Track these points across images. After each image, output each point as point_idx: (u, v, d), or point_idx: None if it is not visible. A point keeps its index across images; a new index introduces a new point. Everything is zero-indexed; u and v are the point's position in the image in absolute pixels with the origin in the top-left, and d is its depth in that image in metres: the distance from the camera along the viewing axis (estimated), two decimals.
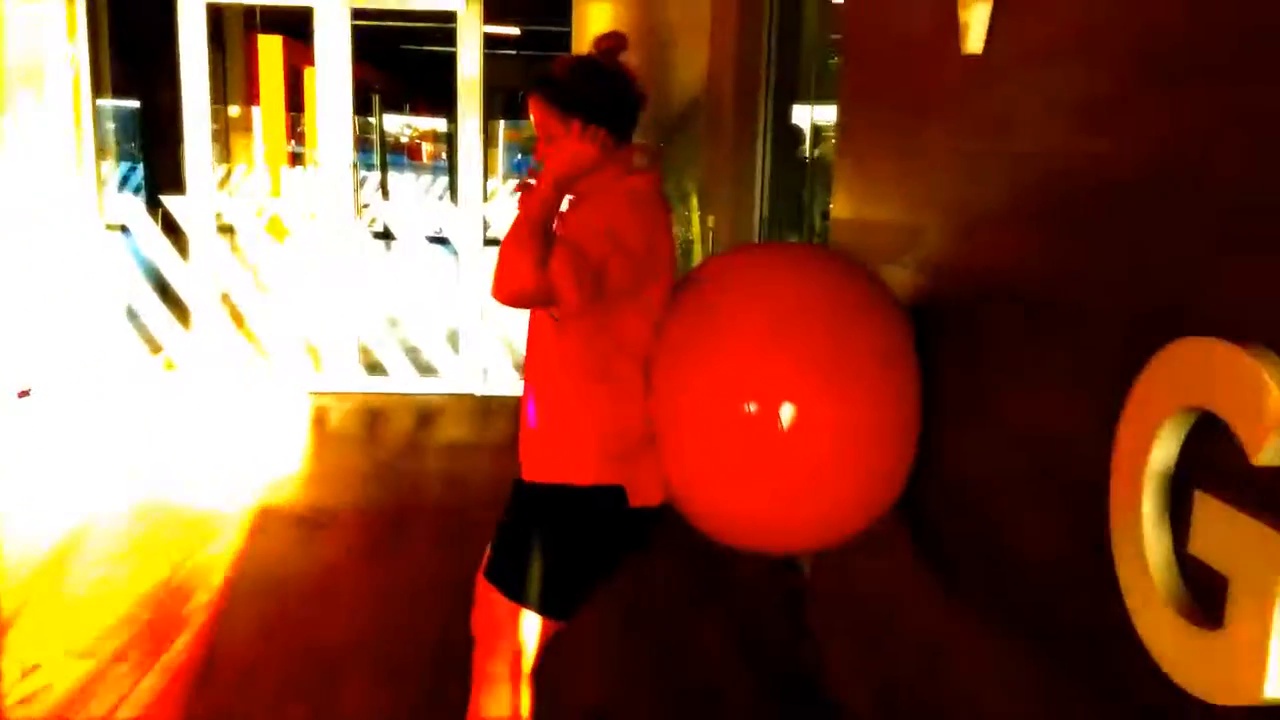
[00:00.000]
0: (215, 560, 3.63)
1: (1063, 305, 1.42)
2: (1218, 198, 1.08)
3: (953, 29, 1.75)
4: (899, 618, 2.20)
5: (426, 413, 5.90)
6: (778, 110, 4.68)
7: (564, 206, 1.90)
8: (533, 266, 1.70)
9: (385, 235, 7.23)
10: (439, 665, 2.17)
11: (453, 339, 6.34)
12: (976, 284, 1.77)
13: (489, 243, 6.20)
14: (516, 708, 1.99)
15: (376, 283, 6.42)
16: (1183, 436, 1.08)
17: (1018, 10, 1.60)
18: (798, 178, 4.55)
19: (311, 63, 6.17)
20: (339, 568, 3.66)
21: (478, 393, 6.22)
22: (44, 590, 3.34)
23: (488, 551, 2.05)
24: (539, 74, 1.93)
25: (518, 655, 1.98)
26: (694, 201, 5.80)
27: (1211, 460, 1.04)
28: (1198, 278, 1.11)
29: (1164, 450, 1.09)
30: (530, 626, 1.97)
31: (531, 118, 1.95)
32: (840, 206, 2.70)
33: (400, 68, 16.02)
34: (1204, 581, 1.03)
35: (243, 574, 3.53)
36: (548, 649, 2.01)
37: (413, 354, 6.35)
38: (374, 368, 6.29)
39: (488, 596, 2.01)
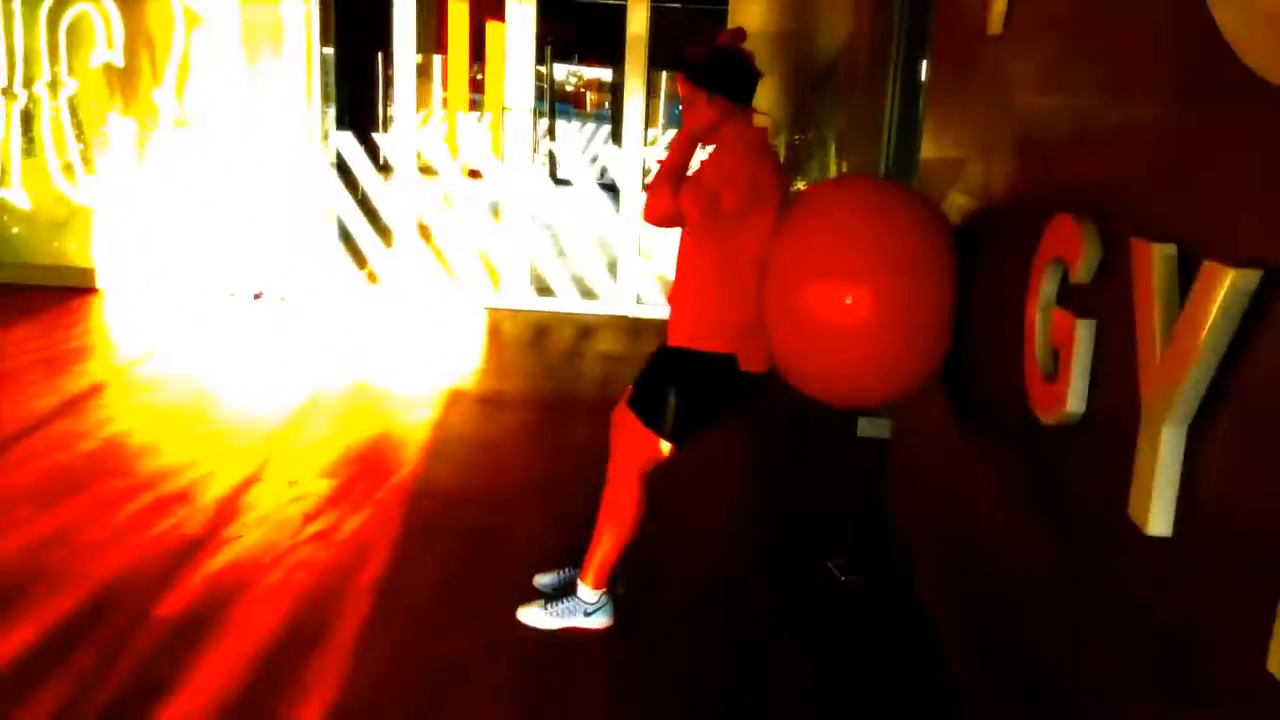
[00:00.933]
0: (417, 425, 4.62)
1: (1021, 208, 2.10)
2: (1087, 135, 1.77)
3: (985, 15, 2.43)
4: (940, 444, 2.92)
5: (586, 329, 6.81)
6: (906, 70, 5.27)
7: (704, 154, 2.70)
8: (669, 195, 2.57)
9: (563, 182, 8.11)
10: (590, 504, 2.99)
11: (612, 268, 7.22)
12: (986, 196, 2.46)
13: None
14: (637, 498, 2.82)
15: (551, 217, 7.34)
16: (1058, 276, 1.79)
17: (1024, 5, 2.27)
18: (918, 134, 5.14)
19: (492, 16, 7.07)
20: (513, 435, 4.60)
21: (630, 315, 7.10)
22: (285, 442, 4.37)
23: (628, 390, 2.88)
24: (681, 56, 2.73)
25: (642, 463, 2.80)
26: (831, 150, 6.45)
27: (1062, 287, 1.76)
28: (1072, 180, 1.79)
29: (1048, 287, 1.80)
30: (652, 446, 2.78)
31: (678, 88, 2.74)
32: (927, 149, 3.38)
33: (569, 18, 16.93)
34: (1056, 354, 1.75)
35: (438, 435, 4.50)
36: (659, 465, 2.82)
37: (578, 280, 7.27)
38: (544, 290, 7.24)
39: (626, 420, 2.82)
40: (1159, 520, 1.32)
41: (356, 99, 9.38)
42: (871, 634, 2.98)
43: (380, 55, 12.47)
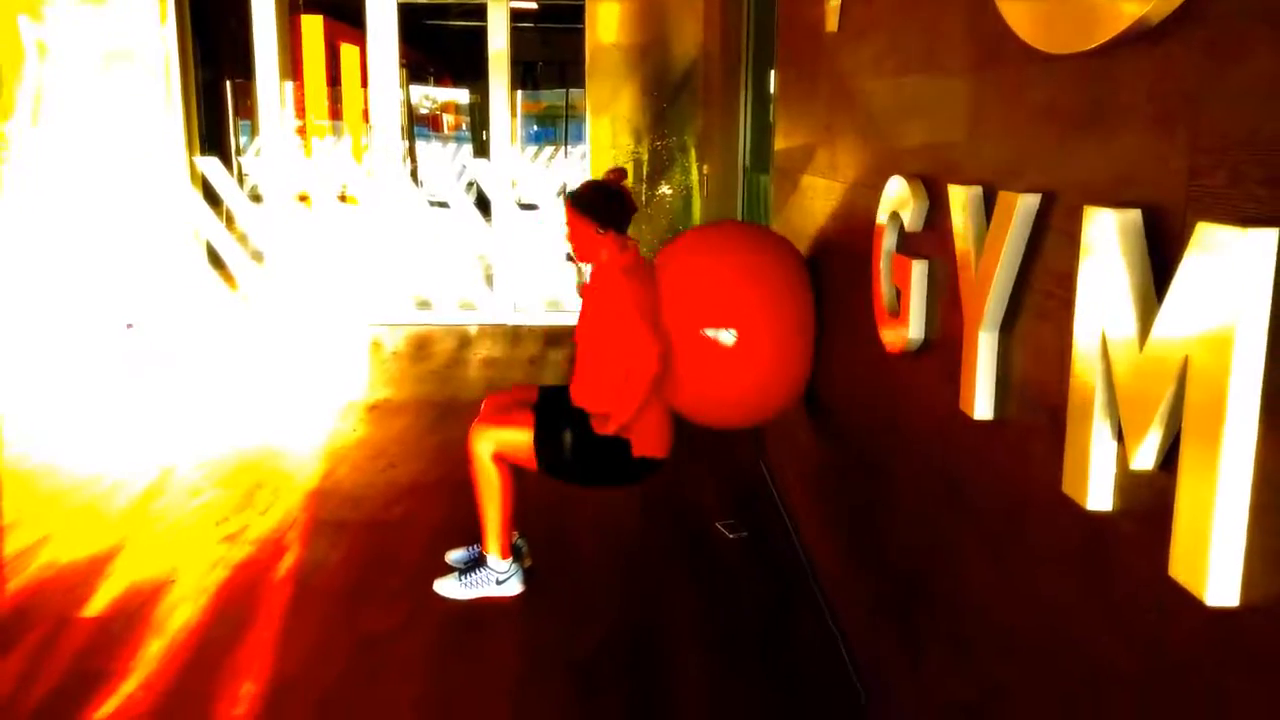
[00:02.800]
0: (311, 434, 4.72)
1: (863, 178, 2.45)
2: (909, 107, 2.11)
3: (823, 16, 2.78)
4: (800, 447, 3.26)
5: (466, 338, 6.97)
6: (756, 76, 5.68)
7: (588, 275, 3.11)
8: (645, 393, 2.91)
9: (439, 204, 8.21)
10: (468, 490, 3.25)
11: (488, 277, 7.41)
12: (834, 174, 2.81)
13: (524, 207, 7.32)
14: (500, 470, 3.03)
15: (424, 233, 7.48)
16: (896, 229, 2.12)
17: (853, 5, 2.62)
18: (770, 130, 5.55)
19: (344, 39, 7.19)
20: (406, 437, 4.75)
21: (509, 322, 7.30)
22: (183, 458, 4.42)
23: (520, 389, 3.15)
24: (572, 192, 3.10)
25: (504, 455, 3.02)
26: (692, 153, 6.82)
27: (899, 238, 2.09)
28: (902, 149, 2.13)
29: (888, 239, 2.14)
30: (526, 458, 3.02)
31: (565, 217, 3.09)
32: (780, 140, 3.74)
33: (423, 42, 16.98)
34: (898, 296, 2.08)
35: (333, 442, 4.62)
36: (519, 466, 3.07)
37: (455, 292, 7.42)
38: (423, 304, 7.37)
39: (519, 415, 3.04)
40: (983, 407, 1.64)
41: (212, 125, 9.30)
42: (758, 579, 3.28)
43: (229, 82, 12.32)
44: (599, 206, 3.04)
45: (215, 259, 7.21)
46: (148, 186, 6.83)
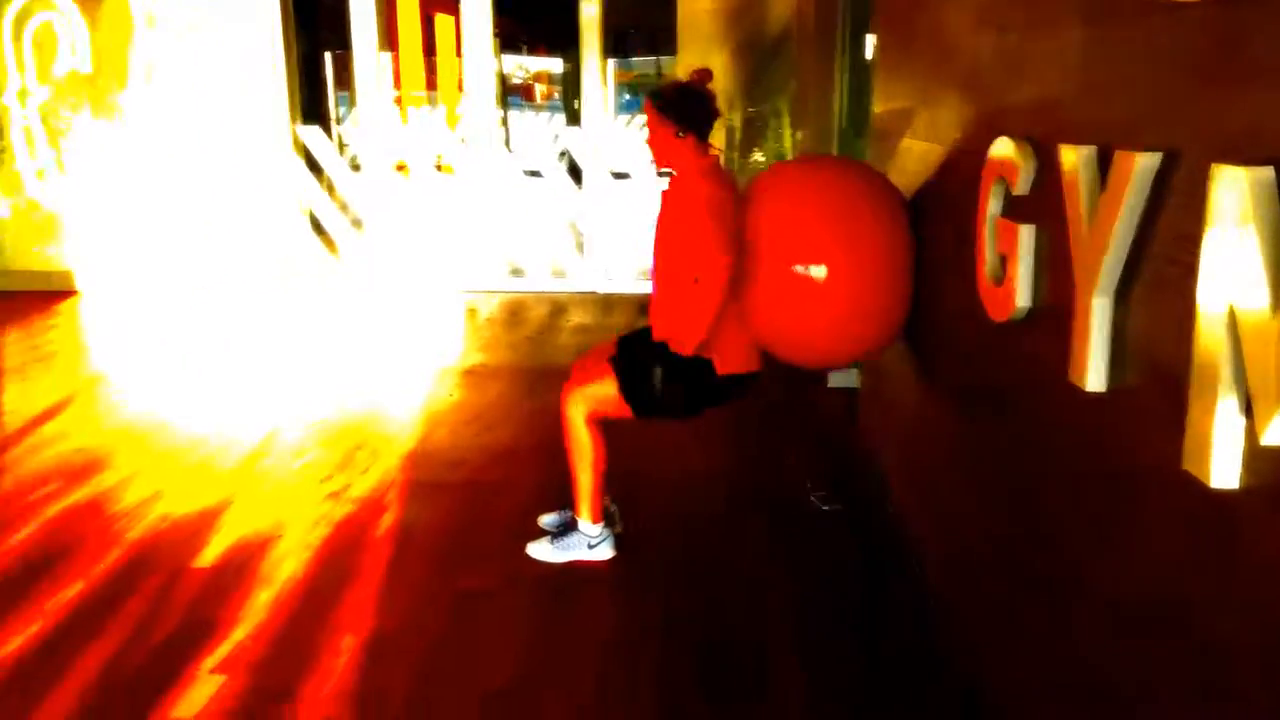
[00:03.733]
0: (409, 398, 4.83)
1: (966, 141, 2.37)
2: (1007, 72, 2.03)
3: None
4: (906, 376, 3.20)
5: (558, 306, 7.03)
6: (852, 40, 5.55)
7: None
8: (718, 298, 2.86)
9: (534, 173, 8.22)
10: (561, 455, 3.27)
11: (580, 245, 7.45)
12: (935, 137, 2.73)
13: (615, 175, 7.34)
14: (593, 434, 3.04)
15: (517, 201, 7.55)
16: (1002, 193, 2.05)
17: None
18: (867, 94, 5.43)
19: (441, 10, 7.24)
20: (500, 402, 4.81)
21: (600, 290, 7.33)
22: (287, 420, 4.57)
23: (602, 346, 3.13)
24: (654, 91, 3.03)
25: (596, 412, 3.03)
26: (785, 119, 6.72)
27: (1005, 202, 2.02)
28: (1008, 108, 2.05)
29: (993, 204, 2.07)
30: (616, 406, 3.02)
31: (646, 118, 3.02)
32: (878, 102, 3.65)
33: (515, 10, 17.03)
34: (1003, 263, 2.02)
35: (430, 406, 4.72)
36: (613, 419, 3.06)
37: (548, 260, 7.48)
38: (516, 271, 7.45)
39: (600, 370, 3.05)
40: (1095, 378, 1.58)
41: (313, 95, 9.52)
42: (852, 551, 3.25)
43: (328, 53, 12.56)
44: (680, 107, 2.96)
45: (317, 226, 7.40)
46: (253, 155, 7.04)
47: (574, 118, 13.08)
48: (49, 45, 6.80)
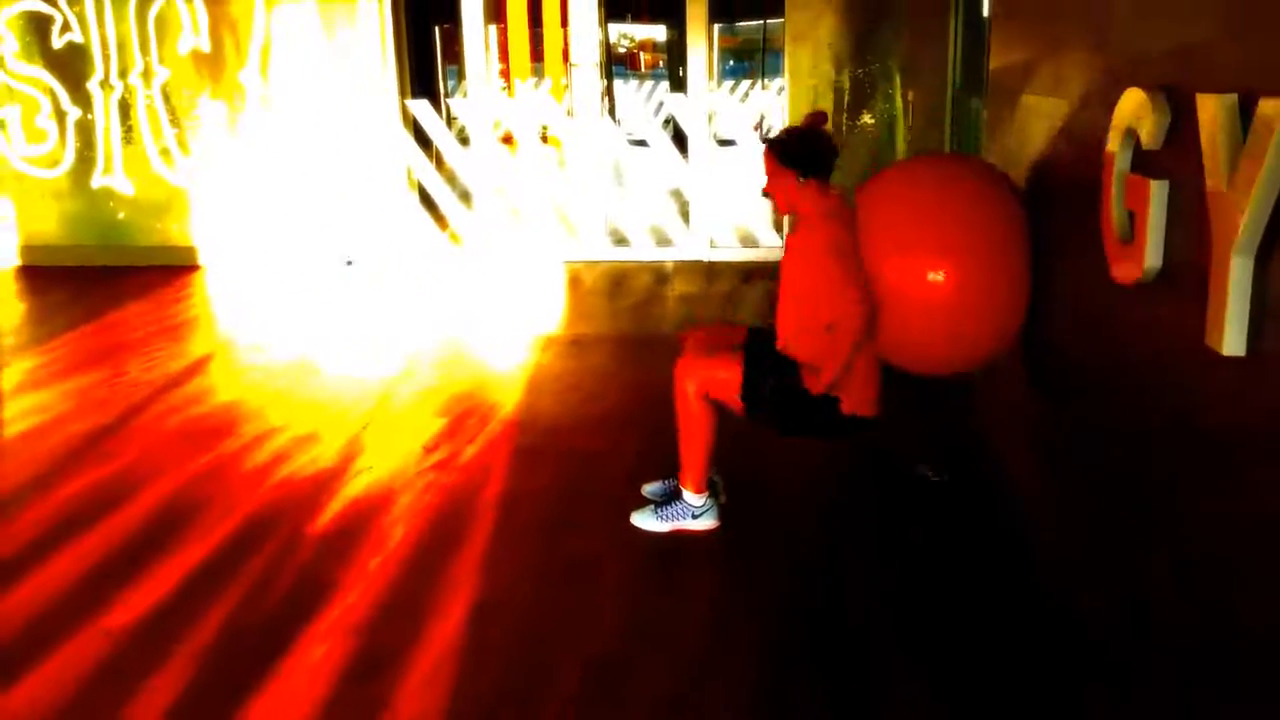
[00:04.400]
0: (513, 368, 4.89)
1: (1092, 93, 2.23)
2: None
3: None
4: (1014, 393, 3.07)
5: (663, 274, 7.00)
6: None
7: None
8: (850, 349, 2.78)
9: (639, 143, 8.17)
10: (670, 420, 3.22)
11: (685, 214, 7.39)
12: (1058, 91, 2.58)
13: (721, 143, 7.27)
14: (704, 408, 3.00)
15: (623, 170, 7.54)
16: (1131, 147, 1.93)
17: None
18: (982, 52, 5.21)
19: None
20: (603, 372, 4.82)
21: (704, 259, 7.27)
22: (396, 390, 4.68)
23: (733, 329, 3.09)
24: (772, 139, 2.99)
25: (710, 393, 2.99)
26: (897, 79, 6.51)
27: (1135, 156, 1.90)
28: (1137, 55, 1.92)
29: (1121, 159, 1.95)
30: (732, 397, 2.97)
31: (765, 165, 2.98)
32: (996, 57, 3.49)
33: None
34: (1131, 221, 1.90)
35: (534, 375, 4.76)
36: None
37: (654, 229, 7.46)
38: (620, 241, 7.45)
39: (726, 359, 3.01)
40: (1234, 341, 1.47)
41: (422, 70, 9.67)
42: (963, 525, 3.15)
43: (436, 28, 12.74)
44: (800, 155, 2.93)
45: (426, 198, 7.53)
46: (364, 129, 7.19)
47: (678, 85, 13.01)
48: (172, 26, 7.06)
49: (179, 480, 3.54)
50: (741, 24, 18.89)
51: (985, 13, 4.82)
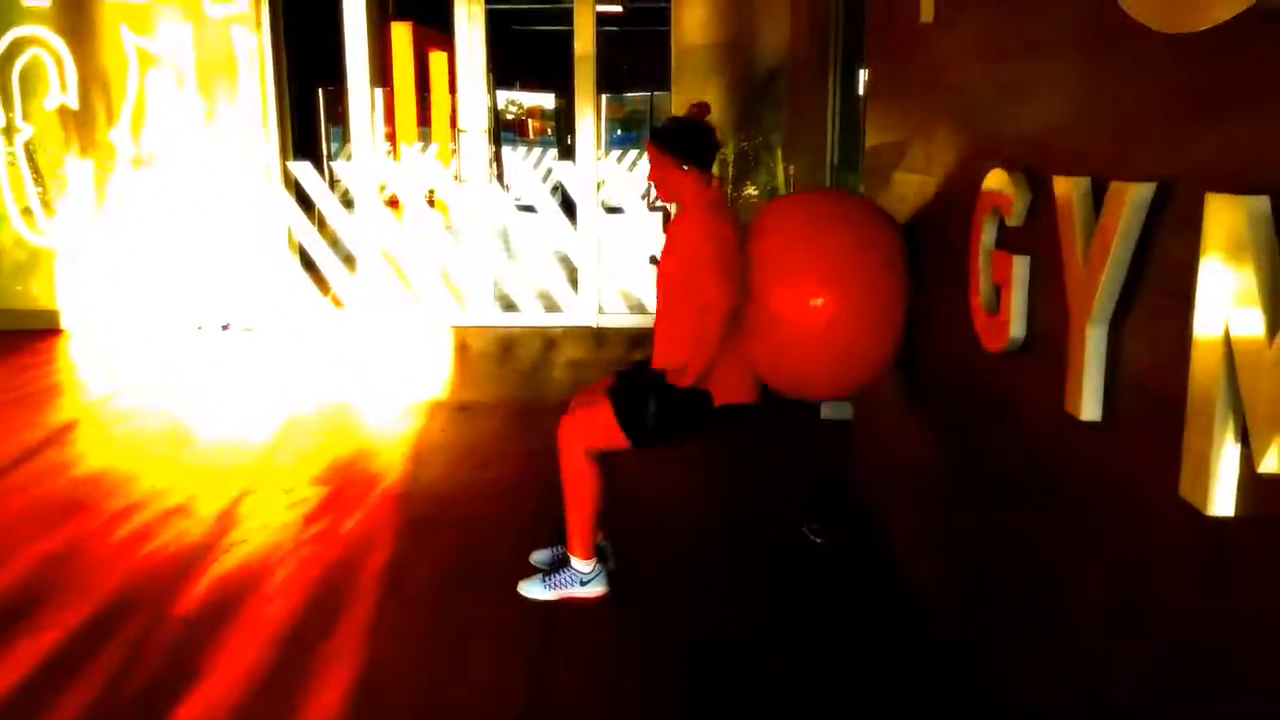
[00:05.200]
0: (398, 435, 4.79)
1: (961, 173, 2.36)
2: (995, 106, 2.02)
3: (918, 5, 2.70)
4: (900, 407, 3.17)
5: (551, 340, 7.00)
6: (844, 74, 5.58)
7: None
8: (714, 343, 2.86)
9: (525, 208, 8.14)
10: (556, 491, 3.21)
11: (573, 279, 7.43)
12: (929, 169, 2.72)
13: (609, 210, 7.36)
14: (591, 469, 3.00)
15: (510, 237, 7.54)
16: (996, 224, 2.03)
17: None
18: (859, 128, 5.45)
19: (435, 47, 7.27)
20: (491, 439, 4.77)
21: (594, 324, 7.31)
22: (273, 459, 4.53)
23: (602, 380, 3.09)
24: (655, 128, 3.07)
25: (594, 445, 2.99)
26: (778, 153, 6.74)
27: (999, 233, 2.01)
28: (1002, 139, 2.04)
29: (987, 235, 2.05)
30: (614, 438, 2.98)
31: (648, 155, 3.04)
32: (872, 137, 3.65)
33: (507, 46, 17.17)
34: (998, 293, 1.99)
35: (420, 443, 4.67)
36: (611, 454, 3.02)
37: (541, 295, 7.47)
38: (509, 306, 7.43)
39: (597, 404, 3.01)
40: (1091, 407, 1.55)
41: (305, 131, 9.54)
42: (849, 586, 3.20)
43: (320, 89, 12.60)
44: (681, 142, 2.99)
45: (308, 262, 7.38)
46: (243, 191, 7.03)
47: (567, 153, 13.15)
48: (38, 82, 6.80)
49: (28, 562, 3.29)
50: (629, 95, 19.33)
51: (861, 91, 5.05)
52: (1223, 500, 1.19)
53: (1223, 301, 1.16)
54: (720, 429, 3.08)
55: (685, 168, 2.98)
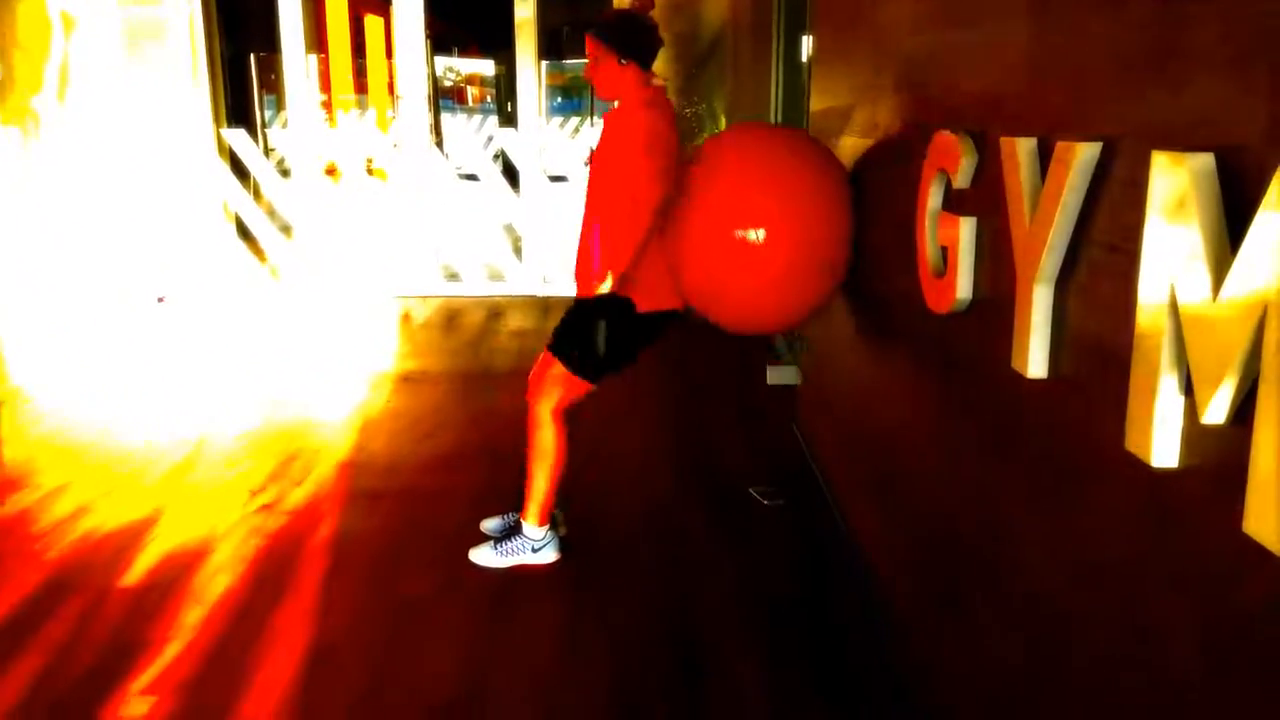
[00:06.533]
0: (345, 406, 4.73)
1: (906, 137, 2.38)
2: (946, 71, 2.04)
3: None
4: (846, 371, 3.20)
5: (496, 310, 6.95)
6: (788, 39, 5.57)
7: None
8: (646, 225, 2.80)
9: (469, 176, 8.03)
10: (520, 458, 3.17)
11: (517, 249, 7.38)
12: (874, 133, 2.74)
13: (552, 178, 7.28)
14: (559, 434, 3.02)
15: (452, 205, 7.45)
16: (942, 187, 2.06)
17: None
18: (802, 95, 5.45)
19: (371, 12, 7.13)
20: (439, 407, 4.73)
21: (539, 294, 7.27)
22: (217, 432, 4.46)
23: (550, 340, 3.07)
24: (596, 21, 2.96)
25: (561, 402, 3.01)
26: (722, 120, 6.73)
27: (945, 195, 2.03)
28: (948, 104, 2.06)
29: (934, 198, 2.08)
30: (571, 385, 2.99)
31: (587, 49, 2.95)
32: (816, 102, 3.67)
33: (449, 12, 16.87)
34: (944, 255, 2.02)
35: (367, 413, 4.63)
36: (577, 401, 3.03)
37: (485, 264, 7.40)
38: (452, 275, 7.36)
39: (546, 363, 3.02)
40: (1037, 364, 1.59)
41: (238, 99, 9.30)
42: (795, 547, 3.25)
43: (253, 55, 12.29)
44: (622, 36, 2.92)
45: (244, 232, 7.22)
46: (176, 160, 6.84)
47: (507, 120, 12.96)
48: None
49: None
50: (570, 61, 19.11)
51: (805, 58, 5.06)
52: (1166, 451, 1.23)
53: (1168, 257, 1.19)
54: (650, 340, 3.03)
55: (624, 62, 2.91)
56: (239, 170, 7.11)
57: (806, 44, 5.40)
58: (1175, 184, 1.17)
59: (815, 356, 3.86)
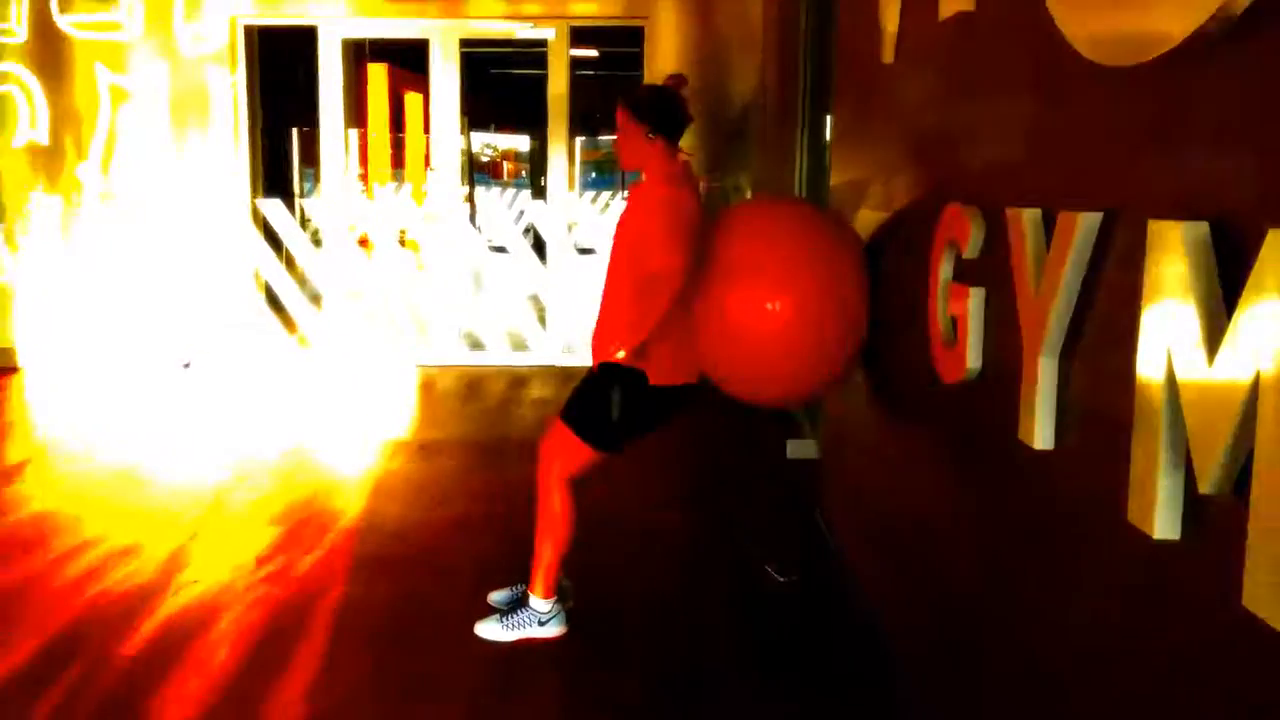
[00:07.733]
0: (360, 474, 4.72)
1: (919, 209, 2.37)
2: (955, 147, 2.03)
3: (880, 48, 2.73)
4: (865, 448, 3.15)
5: (518, 379, 6.96)
6: (813, 120, 5.63)
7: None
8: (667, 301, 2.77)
9: (499, 249, 8.12)
10: (526, 524, 3.11)
11: (541, 319, 7.41)
12: (889, 207, 2.73)
13: (581, 251, 7.36)
14: (567, 504, 2.97)
15: (482, 276, 7.52)
16: (953, 258, 2.04)
17: (910, 33, 2.56)
18: (824, 173, 5.49)
19: (409, 88, 7.30)
20: (454, 477, 4.70)
21: (560, 364, 7.27)
22: (229, 498, 4.46)
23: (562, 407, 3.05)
24: (627, 91, 2.99)
25: (569, 471, 2.97)
26: (747, 194, 6.78)
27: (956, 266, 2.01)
28: (959, 176, 2.05)
29: (944, 269, 2.05)
30: (581, 454, 2.95)
31: (617, 119, 2.98)
32: (836, 175, 3.69)
33: (485, 90, 17.27)
34: (955, 325, 1.99)
35: (381, 481, 4.60)
36: (591, 471, 2.99)
37: (508, 333, 7.43)
38: (475, 345, 7.39)
39: (557, 430, 2.99)
40: (1043, 436, 1.54)
41: (278, 171, 9.52)
42: (813, 624, 3.16)
43: (295, 129, 12.60)
44: (652, 110, 2.91)
45: (275, 300, 7.32)
46: (212, 228, 6.98)
47: (540, 194, 13.17)
48: (7, 117, 6.75)
49: None
50: (604, 138, 19.45)
51: (828, 138, 5.10)
52: (1167, 524, 1.18)
53: (1165, 326, 1.16)
54: (670, 413, 2.98)
55: (653, 136, 2.91)
56: (273, 240, 7.23)
57: (829, 125, 5.46)
58: (1171, 252, 1.15)
59: (834, 430, 3.81)
